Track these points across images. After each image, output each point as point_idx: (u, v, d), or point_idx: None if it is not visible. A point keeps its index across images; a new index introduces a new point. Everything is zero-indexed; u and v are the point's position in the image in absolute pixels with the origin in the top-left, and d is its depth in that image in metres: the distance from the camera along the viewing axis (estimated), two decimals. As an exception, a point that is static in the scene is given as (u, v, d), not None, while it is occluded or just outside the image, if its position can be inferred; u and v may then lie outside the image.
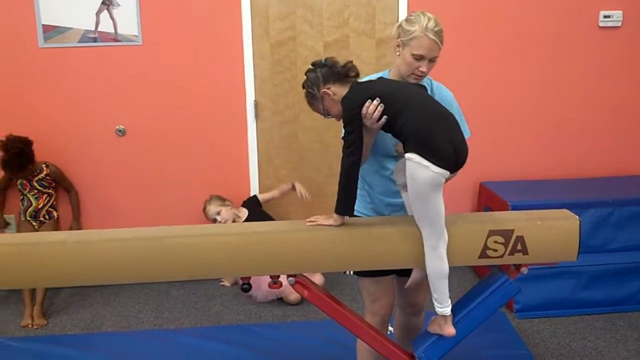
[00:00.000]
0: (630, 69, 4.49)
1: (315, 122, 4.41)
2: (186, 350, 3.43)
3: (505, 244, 2.28)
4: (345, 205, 2.27)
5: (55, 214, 4.21)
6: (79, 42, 4.14)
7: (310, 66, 2.35)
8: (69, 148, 4.25)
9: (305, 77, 2.34)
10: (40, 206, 4.12)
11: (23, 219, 4.14)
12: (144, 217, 4.32)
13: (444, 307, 2.28)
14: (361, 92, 2.22)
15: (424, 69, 2.34)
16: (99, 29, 4.13)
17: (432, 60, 2.34)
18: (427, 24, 2.31)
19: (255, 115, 4.37)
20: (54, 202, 4.21)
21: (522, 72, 4.44)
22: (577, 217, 2.34)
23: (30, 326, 3.78)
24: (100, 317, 3.92)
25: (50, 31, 4.10)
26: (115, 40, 4.16)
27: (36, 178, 4.07)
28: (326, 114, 2.35)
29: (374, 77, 2.50)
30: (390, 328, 3.47)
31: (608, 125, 4.56)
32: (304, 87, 2.36)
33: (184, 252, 2.25)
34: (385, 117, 2.19)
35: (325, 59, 2.32)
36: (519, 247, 2.28)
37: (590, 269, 3.81)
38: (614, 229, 3.92)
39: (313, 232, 2.29)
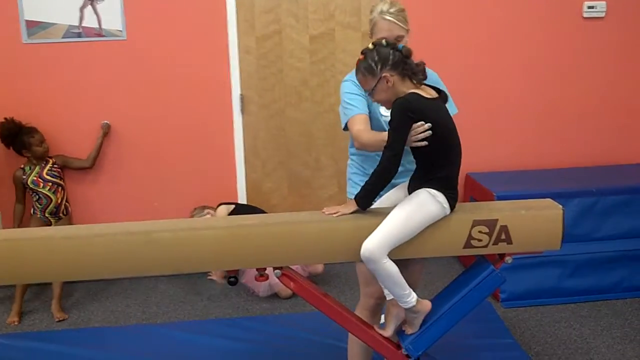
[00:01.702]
0: (614, 60, 4.52)
1: (302, 115, 4.42)
2: (174, 345, 3.42)
3: (490, 234, 2.30)
4: (368, 200, 2.28)
5: (70, 208, 4.21)
6: (63, 38, 4.12)
7: (384, 42, 2.24)
8: (54, 143, 4.21)
9: (372, 47, 2.23)
10: (59, 201, 4.06)
11: (40, 215, 4.04)
12: (130, 211, 4.30)
13: (407, 300, 2.31)
14: (420, 107, 2.18)
15: None
16: (83, 24, 4.11)
17: (397, 40, 2.38)
18: (382, 8, 2.40)
19: (242, 109, 4.37)
20: (67, 196, 4.18)
21: (507, 63, 4.46)
22: (560, 206, 2.37)
23: (16, 323, 3.77)
24: (88, 313, 3.92)
25: (34, 27, 4.08)
26: (100, 35, 4.14)
27: (45, 169, 4.03)
28: (371, 93, 2.27)
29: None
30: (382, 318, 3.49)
31: (593, 115, 4.60)
32: (363, 55, 2.24)
33: (172, 246, 2.25)
34: (425, 142, 2.19)
35: (403, 46, 2.24)
36: (503, 236, 2.30)
37: (575, 257, 3.84)
38: (598, 218, 3.96)
39: (299, 224, 2.30)
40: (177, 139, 4.36)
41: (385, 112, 2.49)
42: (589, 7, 4.39)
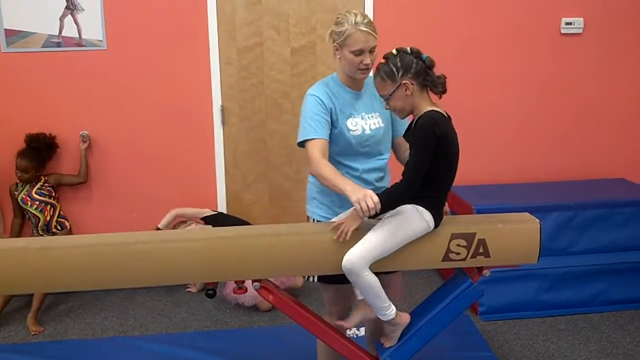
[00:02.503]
0: (591, 75, 4.58)
1: (282, 127, 4.42)
2: (152, 358, 3.39)
3: (468, 247, 2.31)
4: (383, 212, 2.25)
5: (67, 224, 4.17)
6: (42, 47, 4.10)
7: (408, 50, 2.25)
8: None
9: (395, 53, 2.24)
10: (48, 218, 4.06)
11: (35, 233, 4.08)
12: (109, 222, 4.28)
13: (387, 313, 2.31)
14: (445, 127, 2.20)
15: (367, 61, 2.40)
16: (63, 34, 4.09)
17: (371, 51, 2.40)
18: (355, 20, 2.39)
19: (222, 121, 4.37)
20: (61, 212, 4.16)
21: (486, 78, 4.50)
22: (537, 220, 2.39)
23: None
24: (64, 325, 3.87)
25: (13, 36, 4.05)
26: (80, 45, 4.12)
27: (35, 188, 4.04)
28: (387, 98, 2.26)
29: (323, 82, 2.55)
30: (356, 331, 3.51)
31: (571, 130, 4.64)
32: (385, 60, 2.24)
33: (150, 258, 2.24)
34: None
35: (427, 57, 2.25)
36: (480, 250, 2.31)
37: (553, 271, 3.87)
38: (576, 232, 3.99)
39: (278, 237, 2.30)
40: (157, 150, 4.34)
41: (352, 126, 2.47)
42: (567, 24, 4.45)
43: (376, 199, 2.14)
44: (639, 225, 4.03)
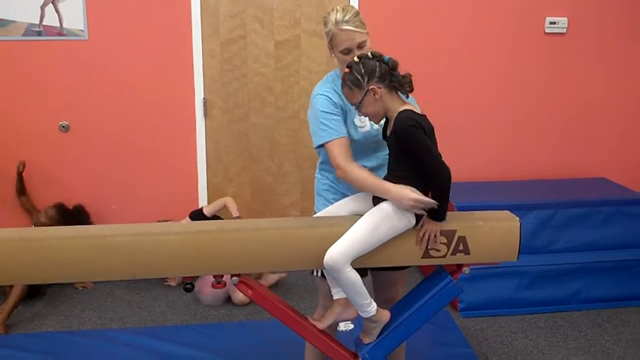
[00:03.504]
0: (575, 75, 4.60)
1: (265, 120, 4.40)
2: (130, 351, 3.36)
3: (448, 244, 2.30)
4: (445, 213, 2.27)
5: None
6: (22, 36, 4.05)
7: (370, 55, 2.21)
8: (10, 143, 4.14)
9: (357, 60, 2.20)
10: None
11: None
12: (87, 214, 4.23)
13: (368, 310, 2.29)
14: (421, 122, 2.19)
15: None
16: (43, 23, 4.04)
17: (361, 47, 2.33)
18: (335, 18, 2.31)
19: (205, 114, 4.34)
20: None
21: (470, 77, 4.51)
22: (517, 218, 2.38)
23: None
24: (41, 317, 3.82)
25: (-7, 23, 4.00)
26: (61, 34, 4.07)
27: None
28: (358, 106, 2.23)
29: (328, 79, 2.48)
30: (343, 325, 3.46)
31: (553, 129, 4.67)
32: (349, 69, 2.20)
33: (127, 251, 2.21)
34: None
35: (389, 58, 2.21)
36: (461, 247, 2.30)
37: (533, 269, 3.88)
38: (556, 231, 4.02)
39: (258, 231, 2.27)
40: (138, 142, 4.30)
41: (359, 123, 2.43)
42: (551, 23, 4.47)
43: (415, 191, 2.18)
44: (619, 225, 4.07)
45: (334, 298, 2.38)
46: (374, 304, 2.32)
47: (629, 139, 4.77)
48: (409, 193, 2.17)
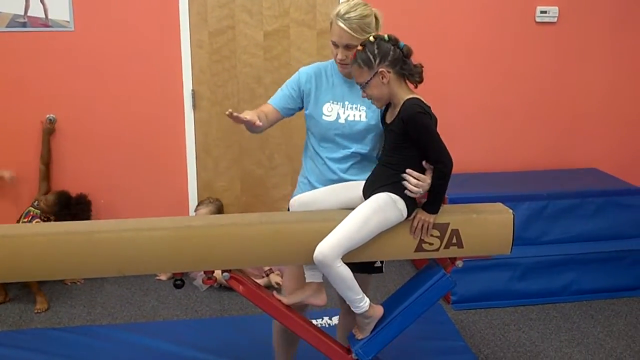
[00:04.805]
0: (566, 64, 4.57)
1: (254, 113, 4.35)
2: (120, 347, 3.33)
3: (441, 238, 2.28)
4: (439, 205, 2.27)
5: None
6: (7, 27, 3.97)
7: (386, 37, 2.17)
8: (-4, 138, 4.08)
9: (372, 40, 2.15)
10: None
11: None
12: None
13: (360, 305, 2.27)
14: (429, 111, 2.25)
15: (339, 55, 2.32)
16: (28, 14, 3.97)
17: (347, 48, 2.29)
18: (339, 10, 2.28)
19: (193, 105, 4.28)
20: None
21: (459, 66, 4.47)
22: (510, 210, 2.36)
23: None
24: (30, 313, 3.78)
25: (-24, 15, 3.93)
26: (46, 25, 4.00)
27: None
28: (364, 86, 2.19)
29: (322, 62, 2.48)
30: (328, 320, 3.47)
31: (544, 119, 4.65)
32: (362, 47, 2.15)
33: (115, 247, 2.17)
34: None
35: (405, 45, 2.18)
36: (454, 240, 2.28)
37: (525, 260, 3.87)
38: (548, 222, 4.00)
39: (249, 226, 2.24)
40: (126, 135, 4.24)
41: (327, 112, 2.41)
42: (542, 12, 4.43)
43: None
44: (611, 215, 4.06)
45: (307, 281, 2.38)
46: (367, 299, 2.29)
47: (620, 129, 4.75)
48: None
